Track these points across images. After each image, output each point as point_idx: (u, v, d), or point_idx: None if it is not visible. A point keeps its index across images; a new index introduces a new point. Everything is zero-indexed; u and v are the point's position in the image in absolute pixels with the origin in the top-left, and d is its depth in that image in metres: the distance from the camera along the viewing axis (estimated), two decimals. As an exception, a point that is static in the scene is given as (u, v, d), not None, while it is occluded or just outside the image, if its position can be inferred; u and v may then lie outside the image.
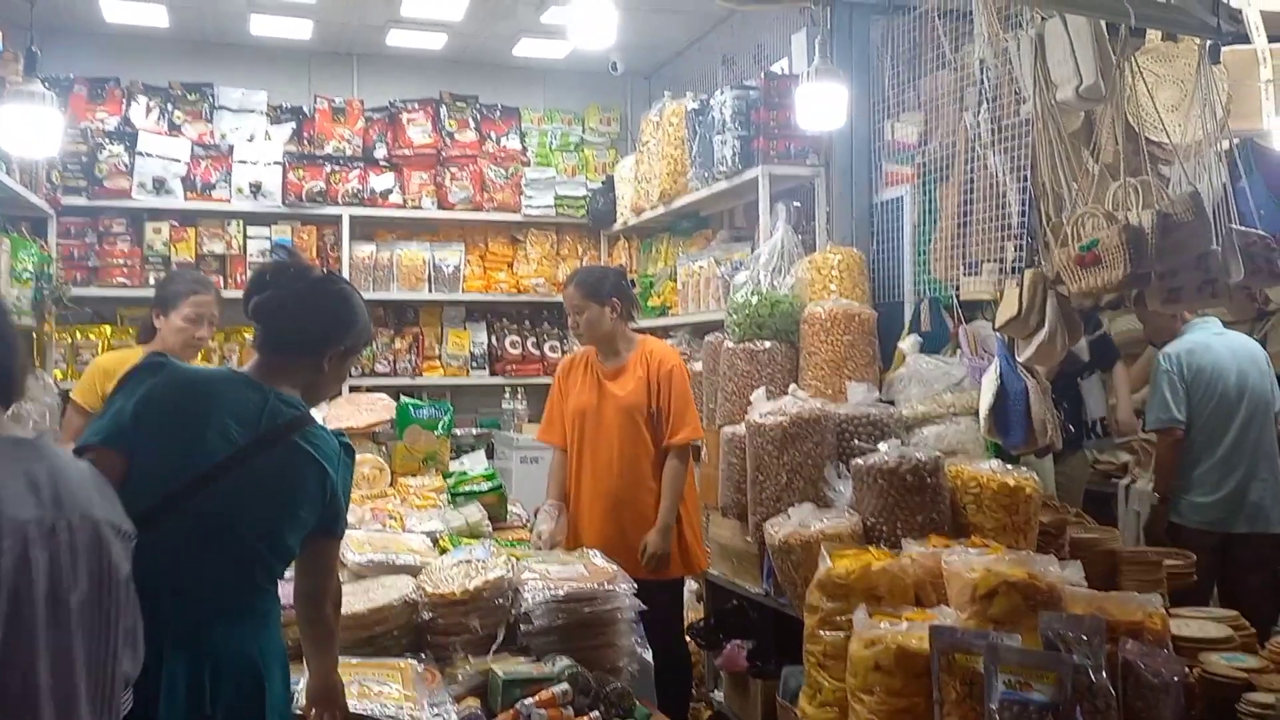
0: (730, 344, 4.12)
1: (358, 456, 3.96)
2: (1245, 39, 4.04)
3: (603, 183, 6.62)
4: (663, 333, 5.42)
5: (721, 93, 4.87)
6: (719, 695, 3.84)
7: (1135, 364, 6.21)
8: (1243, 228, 3.35)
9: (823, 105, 3.41)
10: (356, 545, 3.13)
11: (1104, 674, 2.56)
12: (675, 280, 5.57)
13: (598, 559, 3.10)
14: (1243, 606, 4.28)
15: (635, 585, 3.02)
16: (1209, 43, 3.57)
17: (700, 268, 5.24)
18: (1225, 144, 4.68)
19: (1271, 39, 4.07)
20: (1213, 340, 4.55)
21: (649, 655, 3.04)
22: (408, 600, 2.84)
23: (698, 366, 4.50)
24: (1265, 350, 4.68)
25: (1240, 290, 3.28)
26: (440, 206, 6.51)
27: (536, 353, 6.70)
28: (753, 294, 4.15)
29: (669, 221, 5.95)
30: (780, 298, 4.11)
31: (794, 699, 3.02)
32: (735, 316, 4.14)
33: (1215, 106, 4.04)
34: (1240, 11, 3.69)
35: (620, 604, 2.87)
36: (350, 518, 2.70)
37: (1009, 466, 3.35)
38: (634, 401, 3.97)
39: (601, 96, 7.16)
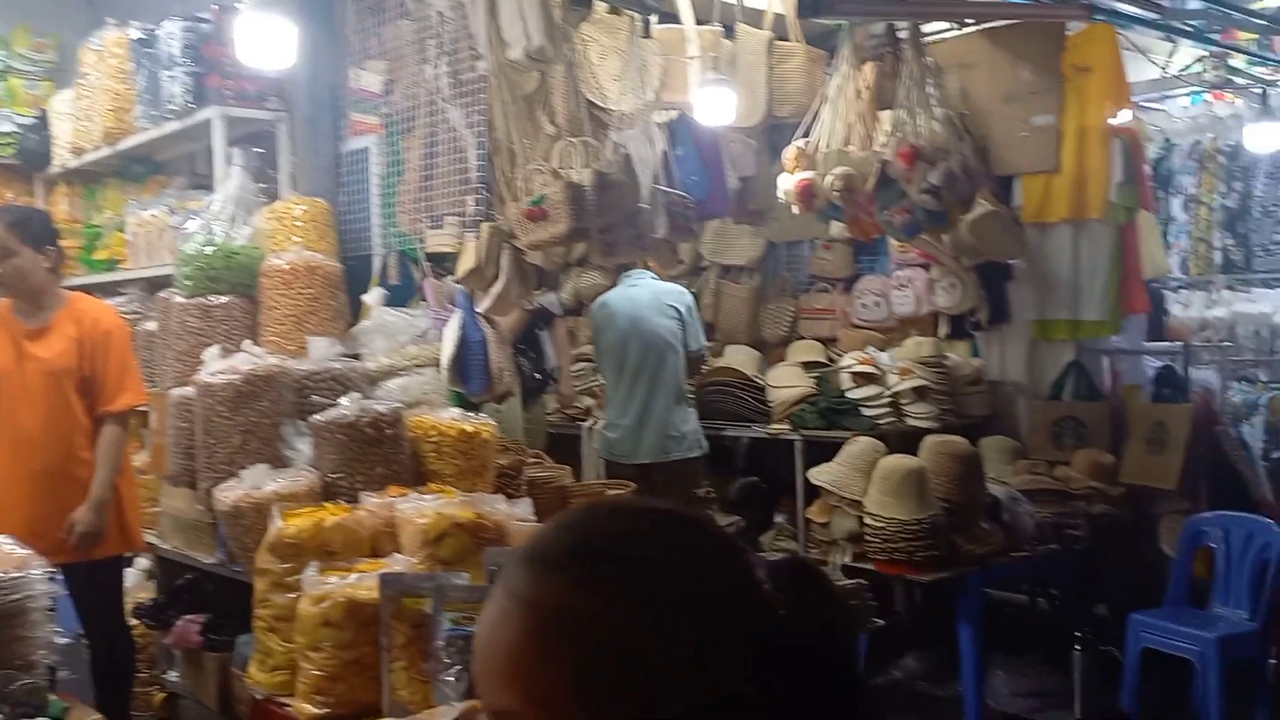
0: (181, 299, 3.78)
1: None
2: (676, 18, 4.49)
3: (36, 118, 5.74)
4: (111, 289, 4.84)
5: (170, 23, 4.42)
6: (173, 675, 3.55)
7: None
8: (666, 189, 3.72)
9: (267, 41, 3.21)
10: None
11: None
12: (125, 231, 4.99)
13: (5, 544, 2.68)
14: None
15: (56, 569, 2.66)
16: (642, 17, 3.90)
17: (153, 217, 4.74)
18: (664, 115, 5.19)
19: (699, 22, 4.58)
20: (625, 291, 4.90)
21: (81, 642, 2.71)
22: None
23: (154, 326, 4.09)
24: (695, 300, 5.18)
25: (664, 245, 3.66)
26: None
27: (-47, 314, 5.67)
28: (206, 245, 3.83)
29: (118, 165, 5.31)
30: (237, 249, 3.84)
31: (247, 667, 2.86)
32: (186, 269, 3.80)
33: (650, 78, 4.45)
34: (668, -8, 4.08)
35: (30, 592, 2.50)
36: None
37: (469, 414, 3.44)
38: (64, 365, 3.50)
39: (34, 19, 6.18)
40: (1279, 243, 6.49)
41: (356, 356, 3.68)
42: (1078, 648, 4.06)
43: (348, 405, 3.18)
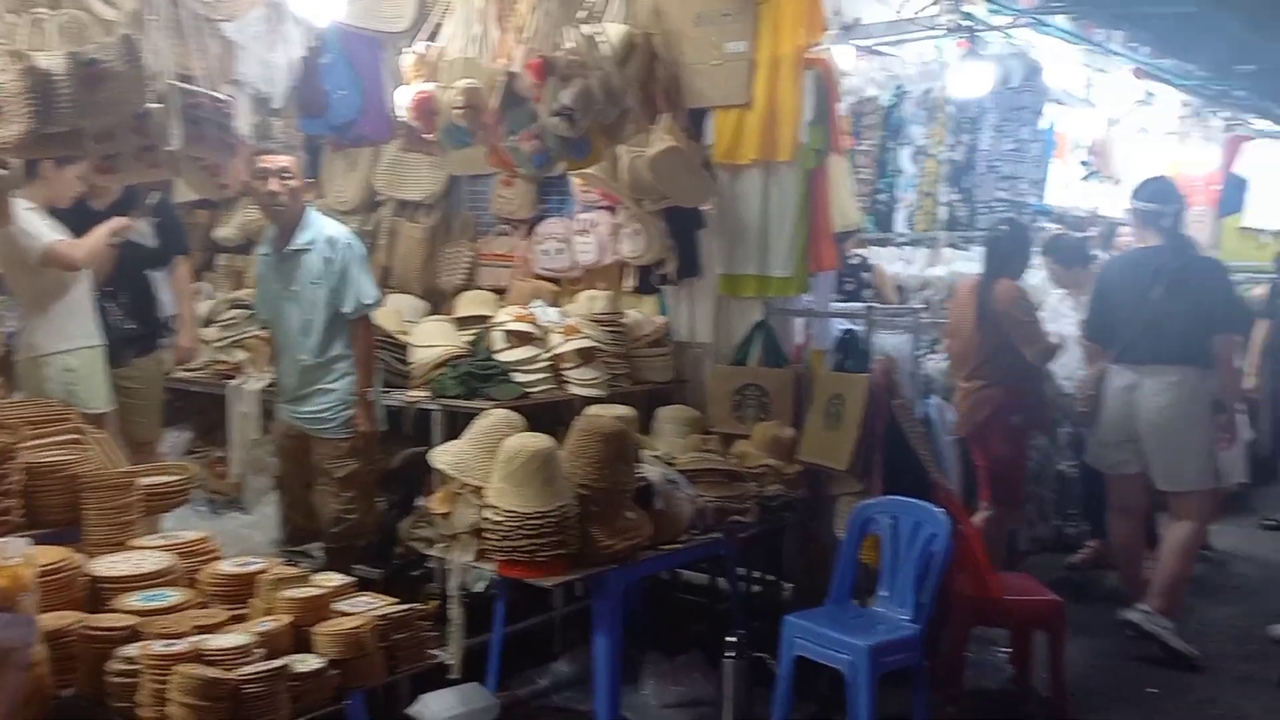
0: None
1: None
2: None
3: None
4: None
5: None
6: None
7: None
8: (190, 87, 2.83)
9: None
10: None
11: None
12: None
13: None
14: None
15: None
16: None
17: None
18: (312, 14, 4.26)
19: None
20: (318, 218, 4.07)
21: None
22: None
23: None
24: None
25: (192, 162, 2.81)
26: None
27: None
28: None
29: None
30: None
31: None
32: None
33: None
34: None
35: None
36: None
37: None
38: None
39: None
40: (1001, 199, 6.22)
41: None
42: (729, 654, 3.53)
43: None
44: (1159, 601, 4.31)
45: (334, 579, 2.67)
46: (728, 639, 3.55)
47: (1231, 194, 8.67)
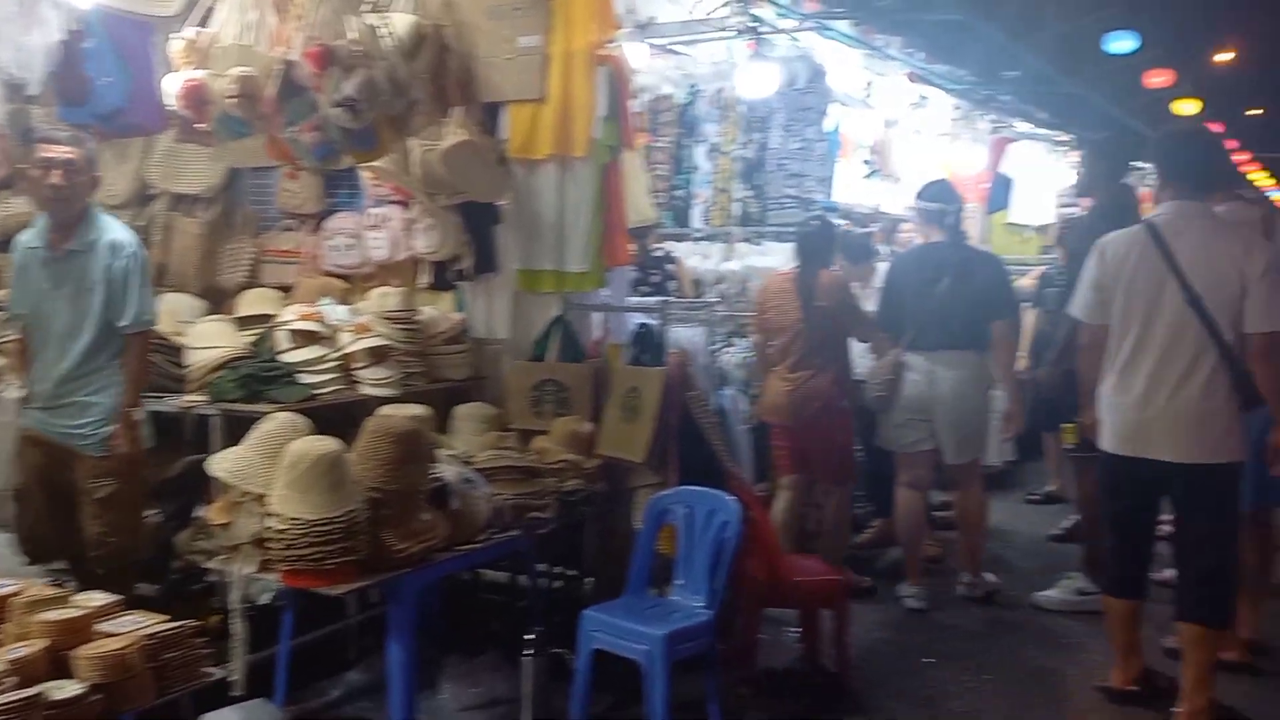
0: None
1: None
2: None
3: None
4: None
5: None
6: None
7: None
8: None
9: None
10: None
11: None
12: None
13: None
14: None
15: None
16: None
17: None
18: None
19: None
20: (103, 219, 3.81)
21: None
22: None
23: None
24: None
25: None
26: None
27: None
28: None
29: None
30: None
31: None
32: None
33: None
34: None
35: None
36: None
37: None
38: None
39: None
40: (790, 196, 6.46)
41: None
42: (527, 652, 3.52)
43: None
44: (973, 564, 4.91)
45: (96, 598, 2.49)
46: (526, 637, 3.54)
47: (998, 192, 9.34)
